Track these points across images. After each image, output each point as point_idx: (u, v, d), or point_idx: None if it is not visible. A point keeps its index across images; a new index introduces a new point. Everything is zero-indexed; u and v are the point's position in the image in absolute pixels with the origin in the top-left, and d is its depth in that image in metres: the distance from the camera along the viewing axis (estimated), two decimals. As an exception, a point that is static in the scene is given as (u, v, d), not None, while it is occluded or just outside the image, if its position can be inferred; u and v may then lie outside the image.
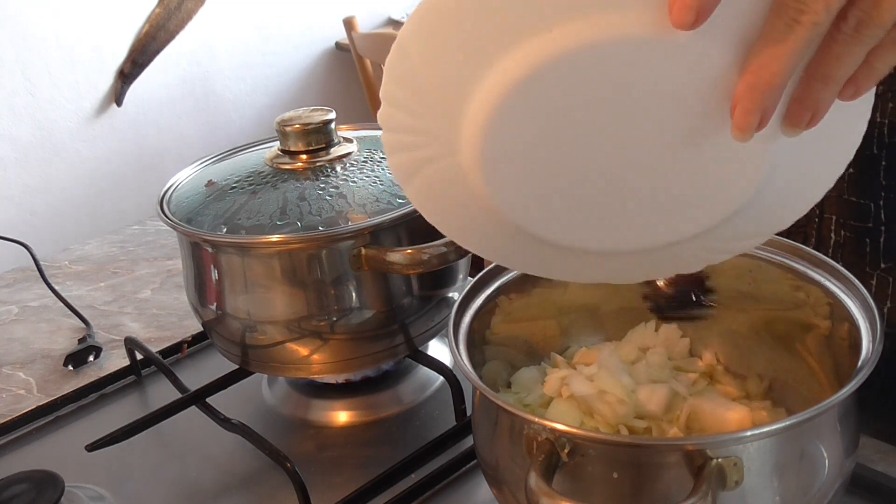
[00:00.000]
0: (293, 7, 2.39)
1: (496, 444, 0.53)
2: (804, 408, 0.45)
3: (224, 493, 0.69)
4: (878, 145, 0.65)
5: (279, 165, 0.72)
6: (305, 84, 2.48)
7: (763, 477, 0.46)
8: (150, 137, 2.23)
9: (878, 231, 0.67)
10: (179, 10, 2.16)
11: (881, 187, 0.66)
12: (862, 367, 0.48)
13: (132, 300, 1.01)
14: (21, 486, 0.60)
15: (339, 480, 0.68)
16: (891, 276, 0.68)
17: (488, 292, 0.61)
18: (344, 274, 0.67)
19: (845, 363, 0.54)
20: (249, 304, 0.69)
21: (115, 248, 1.15)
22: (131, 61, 2.13)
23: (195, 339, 0.89)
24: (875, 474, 0.61)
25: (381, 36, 2.15)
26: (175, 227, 0.69)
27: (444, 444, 0.69)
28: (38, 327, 0.97)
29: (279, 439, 0.69)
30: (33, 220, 2.07)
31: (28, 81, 2.00)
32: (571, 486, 0.47)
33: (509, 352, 0.64)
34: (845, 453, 0.50)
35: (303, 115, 0.73)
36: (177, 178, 0.77)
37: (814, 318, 0.58)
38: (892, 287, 0.68)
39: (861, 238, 0.68)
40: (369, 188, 0.69)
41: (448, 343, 0.55)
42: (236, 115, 2.37)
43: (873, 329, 0.51)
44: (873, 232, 0.68)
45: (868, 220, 0.67)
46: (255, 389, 0.80)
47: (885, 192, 0.66)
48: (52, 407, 0.81)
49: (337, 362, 0.71)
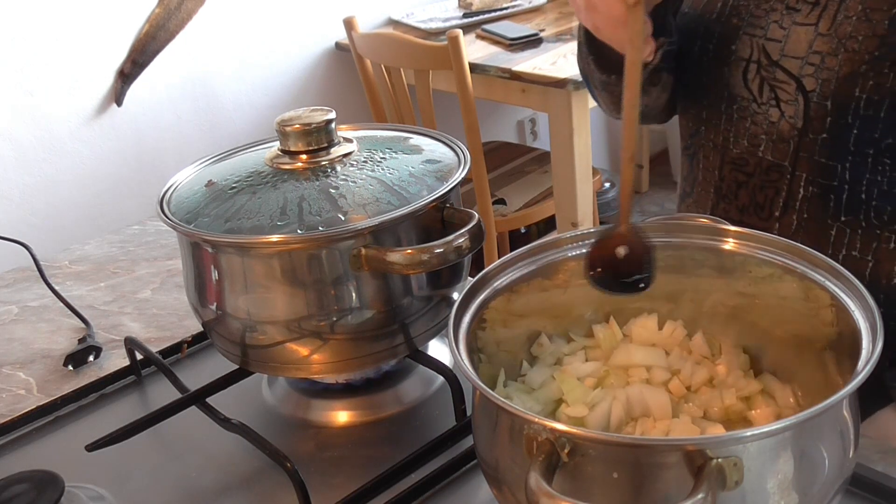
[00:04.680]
0: (293, 7, 2.39)
1: (496, 444, 0.53)
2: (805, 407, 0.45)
3: (224, 493, 0.69)
4: (853, 115, 0.74)
5: (279, 165, 0.72)
6: (305, 84, 2.48)
7: (763, 477, 0.46)
8: (150, 137, 2.23)
9: (841, 189, 0.77)
10: (179, 10, 2.16)
11: (850, 152, 0.75)
12: (862, 368, 0.48)
13: (132, 300, 1.01)
14: (21, 486, 0.60)
15: (339, 480, 0.68)
16: (848, 228, 0.77)
17: (488, 292, 0.61)
18: (344, 274, 0.67)
19: (845, 363, 0.54)
20: (249, 304, 0.69)
21: (115, 248, 1.15)
22: (131, 61, 2.13)
23: (195, 339, 0.89)
24: (875, 474, 0.61)
25: (381, 36, 2.15)
26: (175, 227, 0.69)
27: (444, 444, 0.69)
28: (38, 327, 0.97)
29: (279, 439, 0.69)
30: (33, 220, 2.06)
31: (28, 81, 2.00)
32: (571, 486, 0.47)
33: (509, 351, 0.64)
34: (845, 453, 0.50)
35: (303, 115, 0.73)
36: (177, 178, 0.77)
37: (814, 318, 0.58)
38: (848, 237, 0.78)
39: (826, 194, 0.77)
40: (369, 188, 0.69)
41: (448, 343, 0.55)
42: (236, 115, 2.37)
43: (873, 329, 0.51)
44: (837, 189, 0.77)
45: (834, 178, 0.76)
46: (255, 389, 0.80)
47: (853, 156, 0.75)
48: (52, 407, 0.81)
49: (337, 362, 0.71)
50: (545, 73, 2.00)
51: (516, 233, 2.59)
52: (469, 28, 2.35)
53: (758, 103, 0.80)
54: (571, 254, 0.65)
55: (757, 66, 0.79)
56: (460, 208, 0.70)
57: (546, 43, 2.21)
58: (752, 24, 0.80)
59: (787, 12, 0.77)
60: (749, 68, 0.80)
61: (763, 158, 0.80)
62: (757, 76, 0.79)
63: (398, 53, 2.06)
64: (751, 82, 0.80)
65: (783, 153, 0.79)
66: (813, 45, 0.75)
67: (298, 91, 2.47)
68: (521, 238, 2.64)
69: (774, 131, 0.79)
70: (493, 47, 2.23)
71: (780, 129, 0.79)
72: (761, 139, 0.80)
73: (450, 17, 2.47)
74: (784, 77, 0.77)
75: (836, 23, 0.74)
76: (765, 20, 0.79)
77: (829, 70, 0.74)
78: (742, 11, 0.81)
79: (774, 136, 0.79)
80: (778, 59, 0.78)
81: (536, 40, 2.22)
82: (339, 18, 2.21)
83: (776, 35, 0.78)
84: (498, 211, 2.22)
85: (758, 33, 0.79)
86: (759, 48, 0.79)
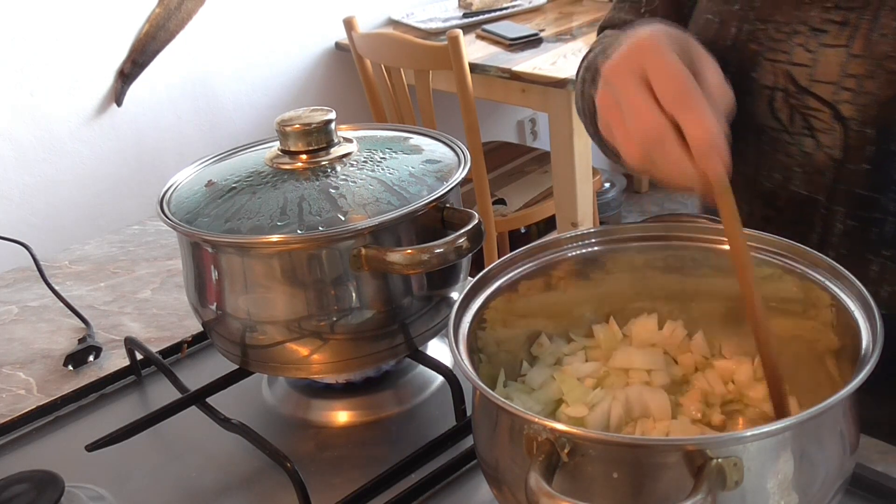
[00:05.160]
0: (293, 7, 2.39)
1: (496, 444, 0.53)
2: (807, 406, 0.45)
3: (224, 493, 0.69)
4: None
5: (279, 165, 0.72)
6: (305, 84, 2.48)
7: (763, 477, 0.46)
8: (150, 137, 2.23)
9: (883, 221, 0.71)
10: (179, 10, 2.16)
11: (894, 181, 0.69)
12: (862, 368, 0.48)
13: (132, 300, 1.01)
14: (21, 486, 0.60)
15: (339, 480, 0.68)
16: (891, 262, 0.71)
17: (488, 292, 0.61)
18: (344, 274, 0.67)
19: (845, 363, 0.54)
20: (249, 304, 0.69)
21: (115, 248, 1.15)
22: (131, 61, 2.13)
23: (195, 339, 0.89)
24: (875, 474, 0.61)
25: (381, 36, 2.15)
26: (175, 227, 0.69)
27: (444, 444, 0.69)
28: (38, 327, 0.97)
29: (279, 439, 0.69)
30: (33, 220, 2.06)
31: (28, 81, 2.00)
32: (571, 486, 0.47)
33: (509, 351, 0.64)
34: (845, 453, 0.50)
35: (303, 115, 0.73)
36: (177, 178, 0.77)
37: (814, 318, 0.58)
38: (891, 272, 0.71)
39: (867, 228, 0.71)
40: (369, 188, 0.69)
41: (448, 343, 0.55)
42: (236, 115, 2.37)
43: (873, 329, 0.51)
44: (879, 222, 0.71)
45: (876, 211, 0.70)
46: (255, 389, 0.80)
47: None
48: (52, 407, 0.81)
49: (337, 362, 0.71)
50: (545, 73, 2.00)
51: (516, 233, 2.59)
52: (469, 28, 2.36)
53: (789, 133, 0.73)
54: (571, 254, 0.65)
55: (784, 94, 0.72)
56: (460, 208, 0.70)
57: (546, 43, 2.21)
58: (772, 49, 0.72)
59: (812, 34, 0.70)
60: (775, 97, 0.73)
61: (796, 192, 0.74)
62: (785, 105, 0.72)
63: (398, 53, 2.06)
64: (779, 111, 0.73)
65: (818, 186, 0.72)
66: (846, 67, 0.69)
67: (298, 91, 2.47)
68: (521, 238, 2.64)
69: (809, 163, 0.72)
70: (493, 47, 2.23)
71: (815, 161, 0.72)
72: (795, 171, 0.74)
73: (450, 17, 2.48)
74: (816, 104, 0.70)
75: (871, 42, 0.67)
76: (787, 44, 0.72)
77: (869, 94, 0.68)
78: (760, 36, 0.73)
79: (809, 167, 0.73)
80: (807, 84, 0.71)
81: (536, 40, 2.22)
82: (339, 18, 2.21)
83: (802, 59, 0.71)
84: (498, 211, 2.22)
85: (780, 58, 0.72)
86: (784, 74, 0.72)
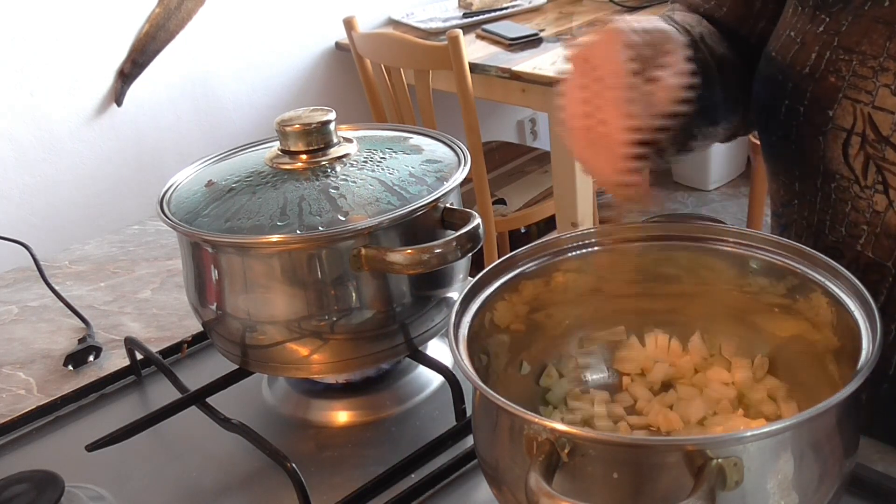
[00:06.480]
0: (293, 7, 2.39)
1: (496, 444, 0.53)
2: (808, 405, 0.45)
3: (224, 493, 0.69)
4: None
5: (279, 165, 0.72)
6: (305, 84, 2.48)
7: (763, 477, 0.46)
8: (150, 137, 2.23)
9: None
10: (179, 10, 2.16)
11: None
12: (861, 368, 0.48)
13: (132, 300, 1.01)
14: (21, 486, 0.60)
15: (339, 480, 0.68)
16: None
17: (488, 292, 0.61)
18: (344, 274, 0.67)
19: (845, 363, 0.54)
20: (249, 304, 0.69)
21: (115, 248, 1.15)
22: (131, 61, 2.13)
23: (195, 339, 0.89)
24: (875, 474, 0.61)
25: (381, 36, 2.15)
26: (175, 227, 0.69)
27: (444, 444, 0.69)
28: (38, 327, 0.97)
29: (279, 439, 0.69)
30: (33, 220, 2.06)
31: (28, 81, 2.00)
32: (571, 486, 0.47)
33: (510, 352, 0.64)
34: (845, 453, 0.50)
35: (303, 115, 0.73)
36: (177, 178, 0.77)
37: (814, 319, 0.58)
38: None
39: None
40: (369, 188, 0.69)
41: (448, 343, 0.55)
42: (236, 115, 2.37)
43: (873, 329, 0.51)
44: None
45: None
46: (255, 389, 0.80)
47: None
48: (52, 407, 0.80)
49: (337, 362, 0.71)
50: (545, 73, 2.00)
51: (516, 233, 2.59)
52: (469, 28, 2.35)
53: (860, 185, 0.65)
54: (571, 254, 0.65)
55: (861, 140, 0.64)
56: (460, 208, 0.70)
57: (546, 43, 2.21)
58: (855, 87, 0.64)
59: None
60: (851, 142, 0.64)
61: (861, 254, 0.67)
62: (861, 152, 0.64)
63: (398, 53, 2.06)
64: (853, 159, 0.65)
65: (887, 251, 0.65)
66: None
67: (298, 91, 2.47)
68: (521, 238, 2.64)
69: (879, 223, 0.65)
70: (493, 47, 2.23)
71: (886, 222, 0.64)
72: (862, 230, 0.66)
73: (450, 17, 2.47)
74: None
75: None
76: (872, 83, 0.63)
77: None
78: (843, 69, 0.64)
79: (878, 228, 0.65)
80: (889, 134, 0.62)
81: (536, 40, 2.22)
82: (339, 18, 2.21)
83: (887, 104, 0.62)
84: (498, 211, 2.22)
85: (863, 98, 0.63)
86: (865, 118, 0.63)
